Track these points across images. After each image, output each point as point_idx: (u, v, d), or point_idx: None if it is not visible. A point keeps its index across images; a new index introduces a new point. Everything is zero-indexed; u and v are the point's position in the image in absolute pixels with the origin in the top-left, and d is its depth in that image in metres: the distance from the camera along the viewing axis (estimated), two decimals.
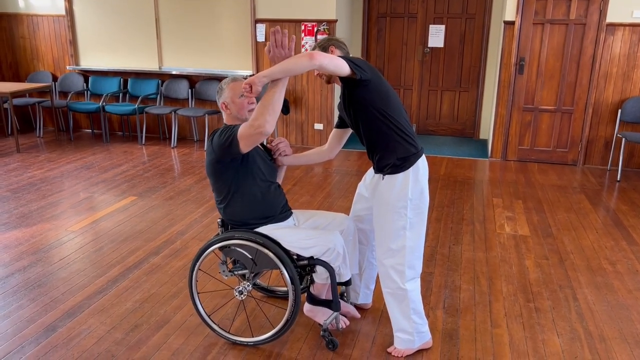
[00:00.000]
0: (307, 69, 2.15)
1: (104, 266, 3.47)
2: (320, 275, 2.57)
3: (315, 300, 2.66)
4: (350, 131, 2.73)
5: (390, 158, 2.39)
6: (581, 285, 3.29)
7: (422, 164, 2.43)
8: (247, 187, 2.49)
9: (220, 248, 2.58)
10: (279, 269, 2.47)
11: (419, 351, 2.62)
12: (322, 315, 2.69)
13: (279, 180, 2.75)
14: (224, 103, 2.53)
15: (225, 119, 2.58)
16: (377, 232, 2.49)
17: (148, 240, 3.86)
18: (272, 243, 2.47)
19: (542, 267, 3.53)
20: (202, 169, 5.67)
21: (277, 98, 2.24)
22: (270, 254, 2.45)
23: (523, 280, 3.35)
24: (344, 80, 2.34)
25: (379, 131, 2.38)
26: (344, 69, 2.20)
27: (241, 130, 2.30)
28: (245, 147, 2.32)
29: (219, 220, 2.68)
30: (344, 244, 2.53)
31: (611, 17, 5.48)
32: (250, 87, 2.18)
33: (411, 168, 2.38)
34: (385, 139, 2.38)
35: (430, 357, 2.59)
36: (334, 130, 2.74)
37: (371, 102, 2.34)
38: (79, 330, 2.78)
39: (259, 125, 2.22)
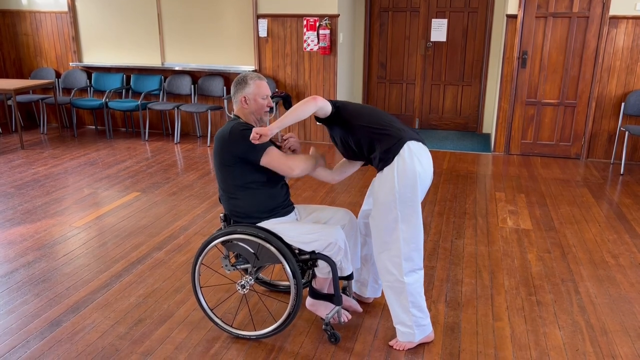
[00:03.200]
0: (313, 111, 2.37)
1: (108, 261, 3.50)
2: (322, 270, 2.59)
3: (317, 295, 2.68)
4: (355, 168, 2.76)
5: (377, 153, 2.44)
6: (583, 279, 3.30)
7: (407, 153, 2.39)
8: (256, 182, 2.50)
9: (223, 243, 2.59)
10: (281, 263, 2.48)
11: (421, 344, 2.63)
12: (324, 310, 2.71)
13: (287, 178, 2.77)
14: (245, 97, 2.53)
15: (237, 110, 2.58)
16: (372, 226, 2.52)
17: (151, 236, 3.88)
18: (274, 237, 2.48)
19: (544, 260, 3.54)
20: (206, 164, 5.69)
21: (307, 163, 2.56)
22: (272, 249, 2.47)
23: (525, 273, 3.36)
24: (322, 119, 2.52)
25: (363, 136, 2.46)
26: (328, 107, 2.45)
27: (275, 158, 2.44)
28: (265, 164, 2.46)
29: (221, 215, 2.69)
30: (346, 239, 2.54)
31: (614, 9, 5.45)
32: (260, 136, 2.27)
33: (395, 159, 2.40)
34: (369, 140, 2.45)
35: (432, 350, 2.60)
36: (343, 160, 2.78)
37: (348, 120, 2.48)
38: (83, 324, 2.80)
39: (296, 171, 2.50)
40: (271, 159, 2.44)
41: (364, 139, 2.46)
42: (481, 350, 2.60)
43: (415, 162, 2.40)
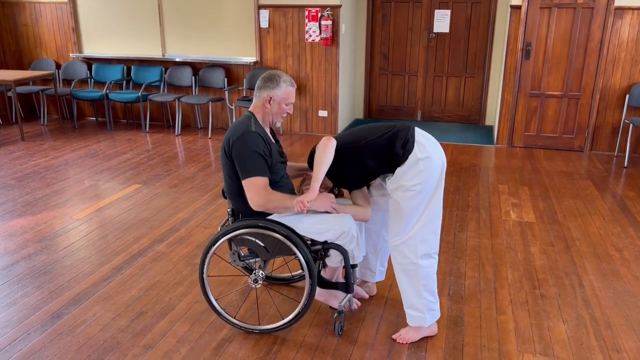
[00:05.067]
0: (334, 149, 2.36)
1: (109, 254, 3.48)
2: (333, 259, 2.58)
3: (326, 284, 2.66)
4: (366, 194, 2.67)
5: (398, 150, 2.39)
6: (587, 272, 3.28)
7: (423, 139, 2.42)
8: None
9: (231, 238, 2.55)
10: (295, 255, 2.44)
11: (424, 338, 2.62)
12: (335, 299, 2.72)
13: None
14: (271, 98, 2.47)
15: (257, 106, 2.51)
16: (392, 210, 2.49)
17: (153, 228, 3.86)
18: (288, 230, 2.45)
19: (547, 253, 3.52)
20: (207, 156, 5.67)
21: (284, 203, 2.38)
22: (287, 242, 2.44)
23: (529, 267, 3.34)
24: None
25: (378, 149, 2.42)
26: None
27: (250, 185, 2.36)
28: (243, 185, 2.42)
29: (229, 209, 2.65)
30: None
31: (620, 0, 5.39)
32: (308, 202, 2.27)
33: (415, 145, 2.38)
34: (387, 145, 2.40)
35: (435, 344, 2.58)
36: (352, 194, 2.70)
37: (353, 147, 2.46)
38: (84, 317, 2.78)
39: (255, 208, 2.38)
40: (246, 186, 2.39)
41: (380, 148, 2.42)
42: (485, 344, 2.58)
43: (433, 144, 2.43)
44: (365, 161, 2.46)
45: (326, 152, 2.34)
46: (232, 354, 2.50)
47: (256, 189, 2.36)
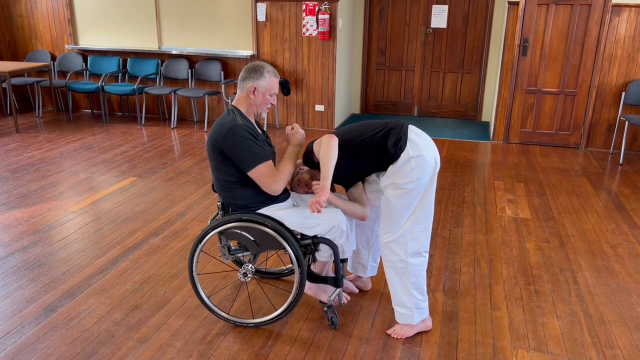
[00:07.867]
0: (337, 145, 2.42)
1: (104, 247, 3.47)
2: (322, 254, 2.58)
3: (316, 279, 2.66)
4: (362, 189, 2.67)
5: (390, 148, 2.39)
6: (582, 269, 3.29)
7: (416, 137, 2.41)
8: (249, 176, 2.46)
9: (220, 232, 2.55)
10: (284, 249, 2.45)
11: (419, 333, 2.62)
12: (324, 293, 2.72)
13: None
14: (256, 88, 2.46)
15: (240, 98, 2.51)
16: (384, 207, 2.49)
17: (148, 221, 3.85)
18: (276, 223, 2.45)
19: (542, 250, 3.53)
20: (203, 150, 5.65)
21: (291, 168, 2.50)
22: (276, 235, 2.44)
23: (523, 263, 3.35)
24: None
25: (371, 146, 2.42)
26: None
27: (259, 176, 2.40)
28: (252, 177, 2.43)
29: (218, 203, 2.65)
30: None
31: None
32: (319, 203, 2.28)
33: (407, 144, 2.38)
34: (379, 143, 2.41)
35: (430, 339, 2.59)
36: (349, 193, 2.70)
37: (350, 145, 2.46)
38: (78, 310, 2.78)
39: (275, 190, 2.43)
40: (255, 178, 2.41)
41: (373, 146, 2.42)
42: (479, 339, 2.59)
43: (426, 142, 2.42)
44: (360, 158, 2.46)
45: (331, 150, 2.36)
46: (226, 348, 2.50)
47: (267, 177, 2.39)
